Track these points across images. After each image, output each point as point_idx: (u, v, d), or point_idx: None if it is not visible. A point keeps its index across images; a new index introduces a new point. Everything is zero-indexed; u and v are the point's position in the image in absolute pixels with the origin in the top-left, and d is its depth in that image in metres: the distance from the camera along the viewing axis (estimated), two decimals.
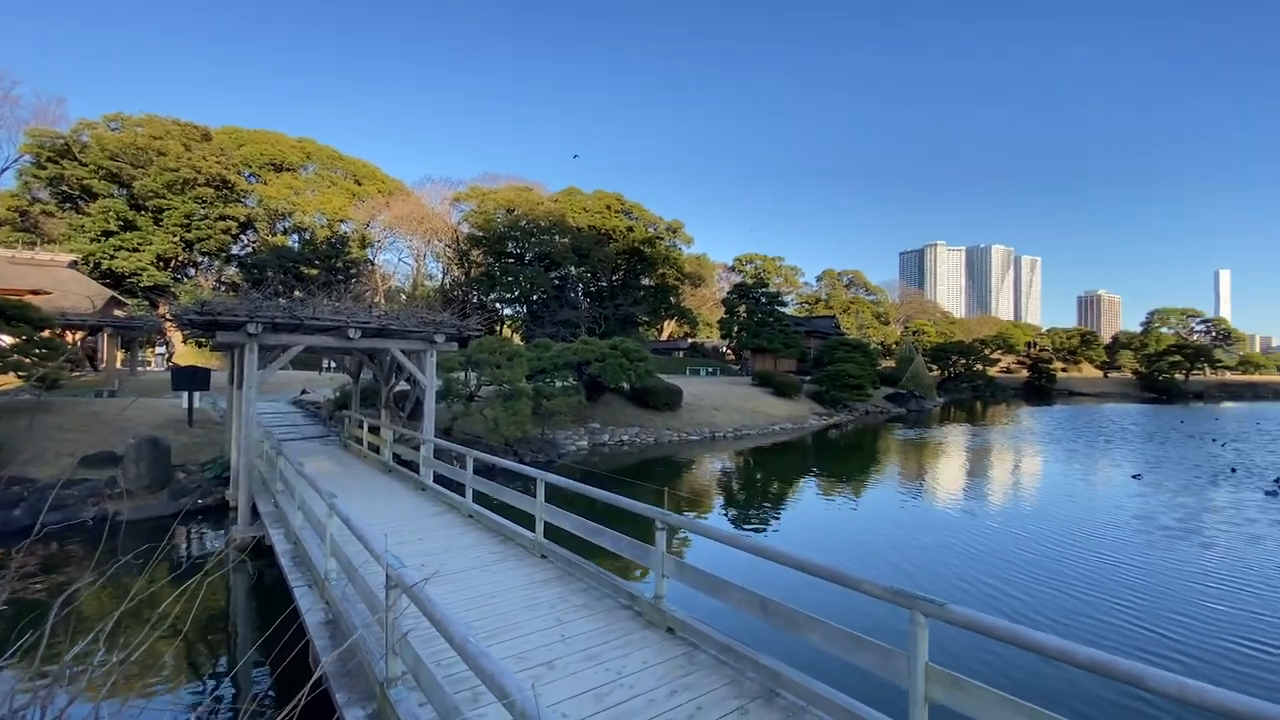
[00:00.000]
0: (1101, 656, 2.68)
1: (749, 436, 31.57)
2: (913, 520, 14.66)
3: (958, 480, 20.51)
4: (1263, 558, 11.26)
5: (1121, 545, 12.22)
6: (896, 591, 3.51)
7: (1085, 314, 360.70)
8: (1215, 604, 9.08)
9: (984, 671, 6.88)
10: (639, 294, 67.58)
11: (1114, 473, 21.36)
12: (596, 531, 6.52)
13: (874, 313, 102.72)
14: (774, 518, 15.26)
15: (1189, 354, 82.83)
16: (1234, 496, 17.14)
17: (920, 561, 11.28)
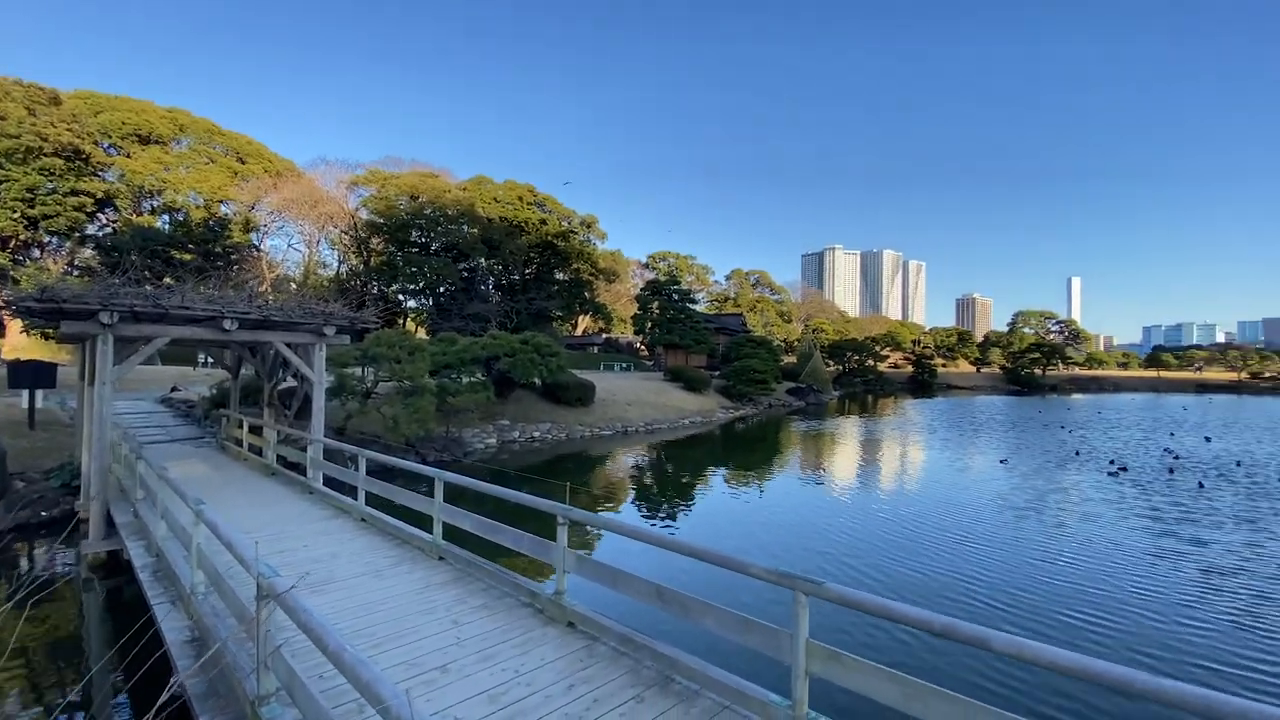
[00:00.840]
0: (952, 623, 2.96)
1: (660, 430, 32.10)
2: (808, 506, 15.51)
3: (849, 468, 21.93)
4: (1096, 534, 12.85)
5: (986, 525, 13.54)
6: (780, 573, 3.69)
7: (962, 315, 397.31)
8: (1053, 577, 10.28)
9: (864, 644, 7.40)
10: (552, 288, 66.72)
11: (983, 459, 23.68)
12: (497, 530, 6.39)
13: (778, 311, 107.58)
14: (683, 509, 15.61)
15: (1046, 351, 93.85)
16: (1079, 478, 19.50)
17: (812, 544, 11.95)
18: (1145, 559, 10.95)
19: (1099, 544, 11.88)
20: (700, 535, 13.00)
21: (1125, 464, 21.46)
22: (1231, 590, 9.38)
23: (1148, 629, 8.02)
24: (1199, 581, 9.78)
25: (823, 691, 3.62)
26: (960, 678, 6.57)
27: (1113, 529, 13.03)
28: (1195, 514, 14.20)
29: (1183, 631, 7.93)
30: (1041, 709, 6.04)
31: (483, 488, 6.67)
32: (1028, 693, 6.31)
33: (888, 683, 3.20)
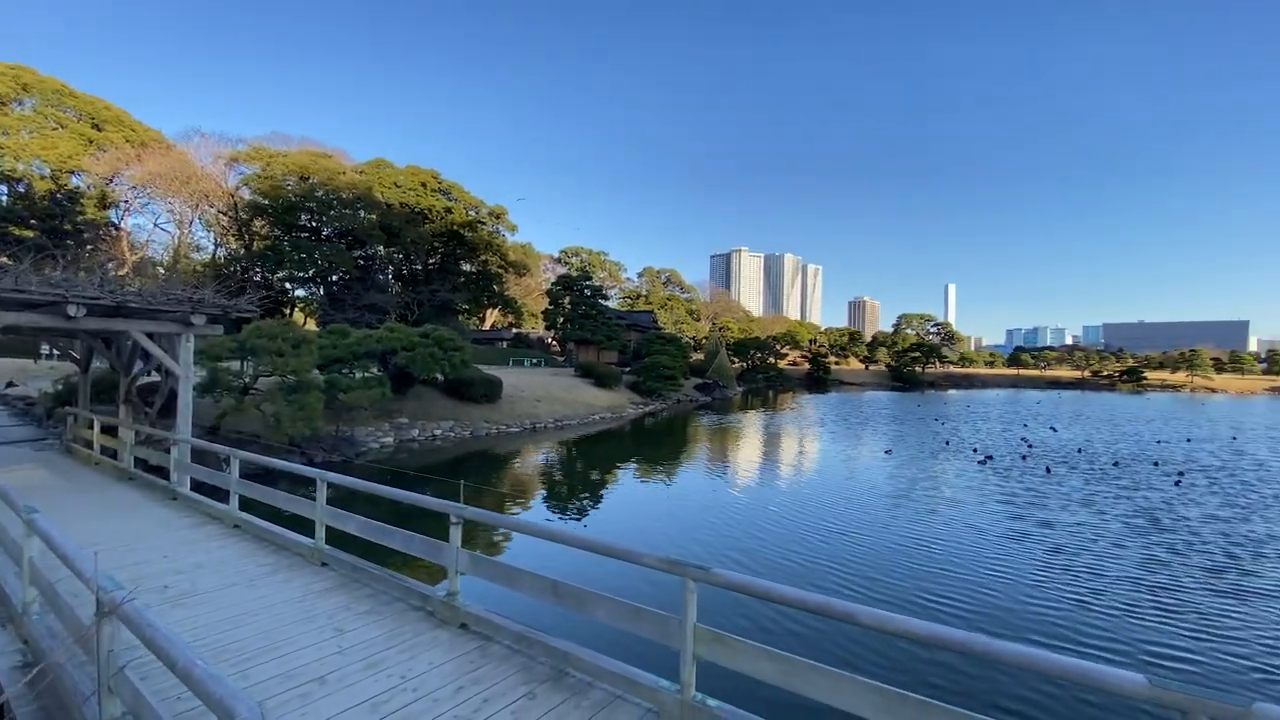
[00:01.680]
0: (826, 601, 3.18)
1: (570, 426, 31.93)
2: (709, 498, 16.01)
3: (749, 461, 22.90)
4: (961, 518, 14.23)
5: (870, 512, 14.63)
6: (670, 561, 3.80)
7: (854, 316, 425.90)
8: (922, 559, 11.31)
9: (752, 625, 7.78)
10: (458, 280, 64.43)
11: (870, 450, 25.56)
12: (386, 532, 6.09)
13: (688, 309, 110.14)
14: (590, 504, 15.63)
15: (925, 351, 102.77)
16: (949, 466, 21.53)
17: (710, 534, 12.37)
18: (1001, 541, 12.21)
19: (963, 527, 13.15)
20: (605, 529, 13.09)
21: (991, 453, 23.93)
22: (1070, 567, 10.69)
23: (999, 603, 8.99)
24: (1044, 560, 11.07)
25: (710, 674, 3.76)
26: (833, 651, 7.07)
27: (976, 513, 14.48)
28: (1045, 497, 16.05)
29: (1029, 605, 8.95)
30: (900, 675, 6.62)
31: (373, 489, 6.33)
32: (894, 661, 6.90)
33: (768, 661, 3.39)
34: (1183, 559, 10.72)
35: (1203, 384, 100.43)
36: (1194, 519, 13.60)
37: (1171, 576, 9.87)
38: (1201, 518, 13.70)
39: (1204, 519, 13.62)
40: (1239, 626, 7.91)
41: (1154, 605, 8.61)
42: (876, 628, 2.97)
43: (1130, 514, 14.11)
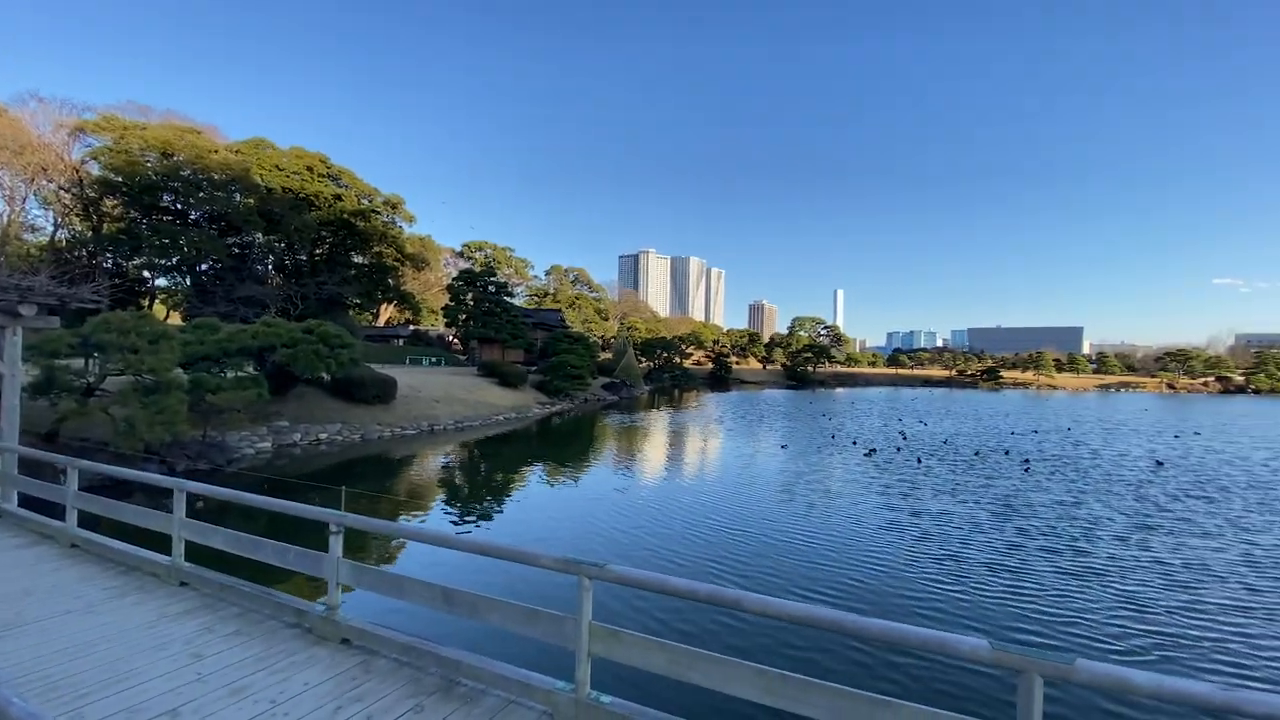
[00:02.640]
0: (714, 590, 3.32)
1: (472, 428, 30.92)
2: (613, 497, 16.10)
3: (654, 459, 23.30)
4: (845, 507, 15.33)
5: (766, 503, 15.40)
6: (566, 560, 3.79)
7: (753, 318, 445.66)
8: (811, 546, 12.08)
9: (650, 619, 7.94)
10: (349, 272, 60.32)
11: (766, 444, 26.85)
12: (256, 545, 5.59)
13: (596, 309, 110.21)
14: (491, 507, 15.21)
15: (816, 352, 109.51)
16: (837, 459, 23.05)
17: (612, 532, 12.47)
18: (878, 528, 13.21)
19: (846, 516, 14.12)
20: (507, 532, 12.81)
21: (875, 446, 25.90)
22: (934, 550, 11.79)
23: (875, 586, 9.74)
24: (913, 545, 12.13)
25: (608, 670, 3.80)
26: (725, 639, 7.38)
27: (858, 502, 15.59)
28: (917, 487, 17.57)
29: (900, 586, 9.77)
30: (785, 656, 7.03)
31: (242, 498, 5.80)
32: (783, 643, 7.30)
33: (660, 653, 3.47)
34: (1029, 540, 12.11)
35: (1046, 382, 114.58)
36: (1039, 504, 15.41)
37: (1019, 557, 11.13)
38: (1046, 503, 15.52)
39: (1048, 504, 15.42)
40: (1073, 597, 9.08)
41: (1004, 581, 9.68)
42: (761, 613, 3.13)
43: (987, 501, 15.78)
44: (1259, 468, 21.86)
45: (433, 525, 13.23)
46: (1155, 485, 17.91)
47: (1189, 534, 12.57)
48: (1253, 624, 8.22)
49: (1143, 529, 12.97)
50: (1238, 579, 9.89)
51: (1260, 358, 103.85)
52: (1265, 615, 8.52)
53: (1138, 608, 8.60)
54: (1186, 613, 8.50)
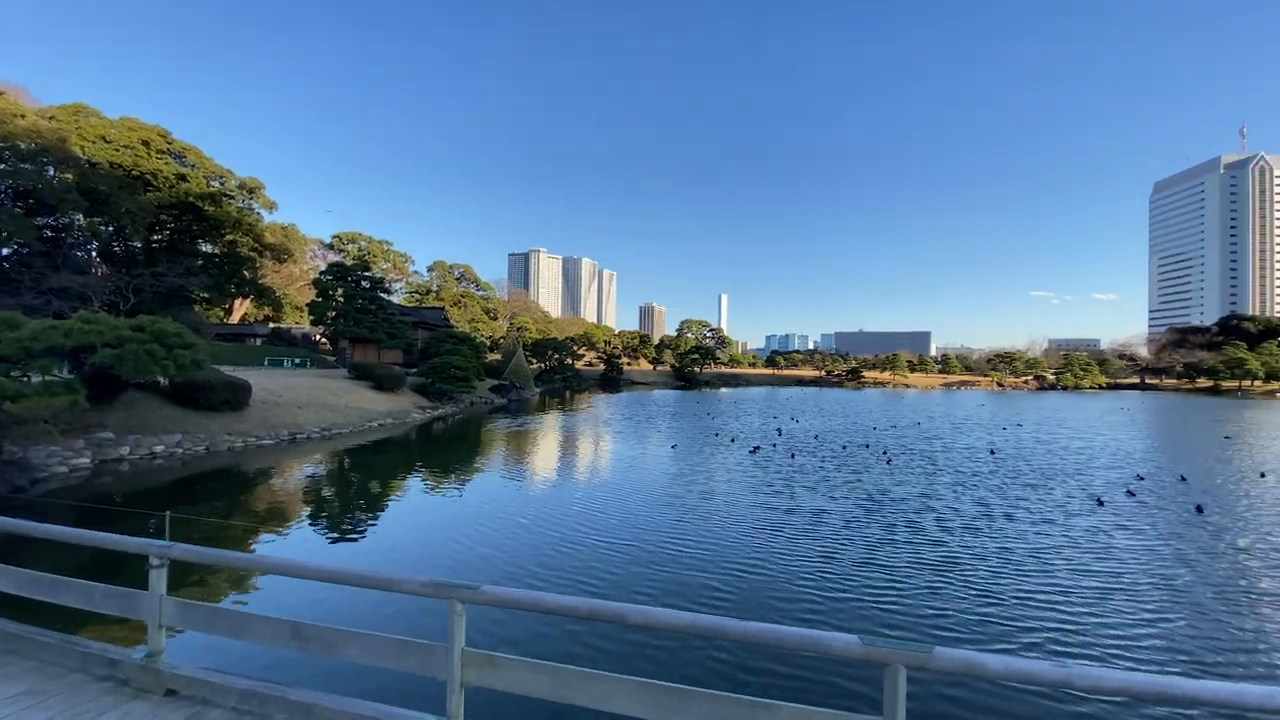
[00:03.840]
0: (597, 605, 3.18)
1: (342, 436, 28.50)
2: (497, 506, 15.45)
3: (544, 464, 22.77)
4: (724, 507, 15.87)
5: (655, 506, 15.50)
6: (435, 584, 3.47)
7: (644, 320, 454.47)
8: (694, 549, 12.32)
9: (532, 641, 7.60)
10: (195, 262, 53.54)
11: (654, 445, 27.22)
12: (57, 586, 4.62)
13: (484, 308, 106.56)
14: (361, 526, 13.93)
15: (702, 353, 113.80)
16: (719, 457, 23.83)
17: (501, 546, 11.93)
18: (758, 529, 13.74)
19: (729, 517, 14.54)
20: (376, 554, 11.76)
21: (758, 444, 27.12)
22: (812, 550, 12.45)
23: (758, 586, 10.08)
24: (792, 540, 12.77)
25: (482, 700, 3.50)
26: (614, 654, 7.23)
27: (741, 501, 16.18)
28: (792, 483, 18.56)
29: (781, 587, 10.18)
30: (670, 665, 7.01)
31: (34, 530, 4.77)
32: (671, 654, 7.27)
33: (541, 676, 3.28)
34: (894, 534, 13.09)
35: (901, 381, 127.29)
36: (900, 497, 16.78)
37: (886, 551, 12.02)
38: (907, 496, 16.90)
39: (910, 497, 16.81)
40: (935, 588, 9.90)
41: (874, 577, 10.35)
42: (644, 625, 3.08)
43: (856, 496, 16.98)
44: (1075, 455, 25.53)
45: (285, 551, 11.87)
46: (995, 477, 20.13)
47: (1026, 521, 14.12)
48: (1084, 604, 9.45)
49: (986, 517, 14.48)
50: (1064, 561, 11.33)
51: (1067, 359, 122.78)
52: (1094, 596, 9.84)
53: (989, 595, 9.52)
54: (1032, 597, 9.57)
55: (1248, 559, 11.47)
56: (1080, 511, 15.11)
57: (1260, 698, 2.27)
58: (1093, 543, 12.39)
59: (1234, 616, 8.76)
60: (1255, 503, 16.41)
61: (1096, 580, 10.19)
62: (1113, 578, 10.31)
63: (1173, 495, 17.23)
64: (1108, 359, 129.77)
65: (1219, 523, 14.10)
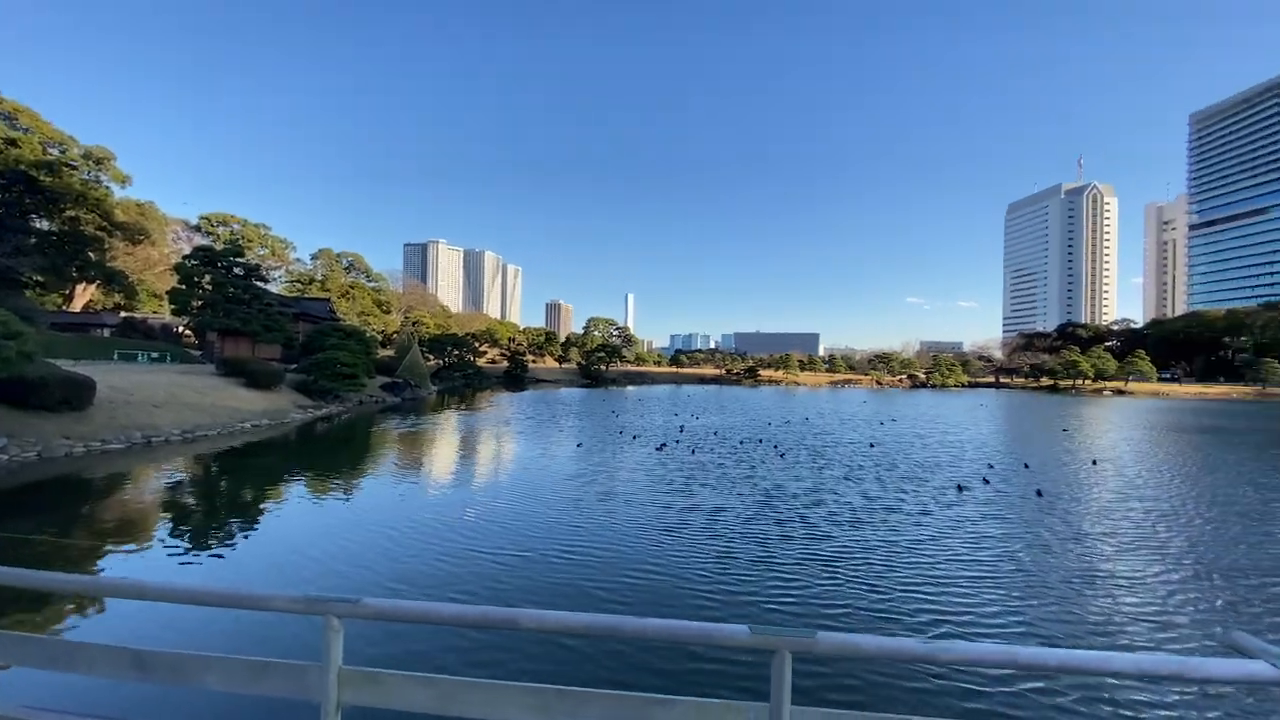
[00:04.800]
0: (487, 610, 3.08)
1: (207, 438, 25.79)
2: (390, 513, 14.67)
3: (443, 465, 21.87)
4: (621, 510, 16.04)
5: (551, 507, 15.32)
6: (309, 599, 3.19)
7: (550, 317, 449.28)
8: (600, 548, 12.39)
9: (417, 654, 7.32)
10: (27, 240, 46.29)
11: (558, 444, 26.97)
12: None
13: (375, 300, 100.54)
14: (227, 540, 12.66)
15: (609, 351, 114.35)
16: (623, 455, 24.05)
17: (383, 557, 11.35)
18: (660, 529, 13.95)
19: (630, 516, 14.66)
20: (245, 569, 10.77)
21: (664, 442, 27.63)
22: (711, 546, 12.86)
23: (659, 583, 10.27)
24: (694, 536, 13.11)
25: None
26: (504, 662, 7.11)
27: (643, 499, 16.36)
28: (691, 479, 19.05)
29: (681, 584, 10.43)
30: (567, 670, 7.02)
31: None
32: (567, 656, 7.26)
33: (425, 690, 3.11)
34: (786, 528, 13.71)
35: (792, 379, 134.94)
36: (792, 491, 17.64)
37: (780, 546, 12.63)
38: (799, 491, 17.73)
39: (801, 492, 17.70)
40: (823, 579, 10.52)
41: (769, 571, 10.83)
42: (539, 628, 2.98)
43: (751, 491, 17.72)
44: (943, 448, 28.23)
45: (135, 571, 10.59)
46: (876, 469, 21.77)
47: (903, 511, 15.29)
48: (952, 585, 10.49)
49: (869, 510, 15.56)
50: (935, 546, 12.47)
51: (935, 361, 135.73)
52: (959, 575, 10.93)
53: (874, 583, 10.22)
54: (909, 582, 10.43)
55: (1079, 536, 13.25)
56: (948, 500, 16.70)
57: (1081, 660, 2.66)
58: (956, 527, 13.76)
59: (1066, 587, 10.10)
60: (1087, 487, 19.02)
61: (960, 562, 11.34)
62: (972, 559, 11.51)
63: (1019, 481, 19.57)
64: (969, 360, 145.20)
65: (1055, 505, 16.19)
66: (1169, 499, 17.30)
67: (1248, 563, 11.42)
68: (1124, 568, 11.12)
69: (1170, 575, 10.72)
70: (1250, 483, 19.94)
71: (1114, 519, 14.82)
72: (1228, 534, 13.50)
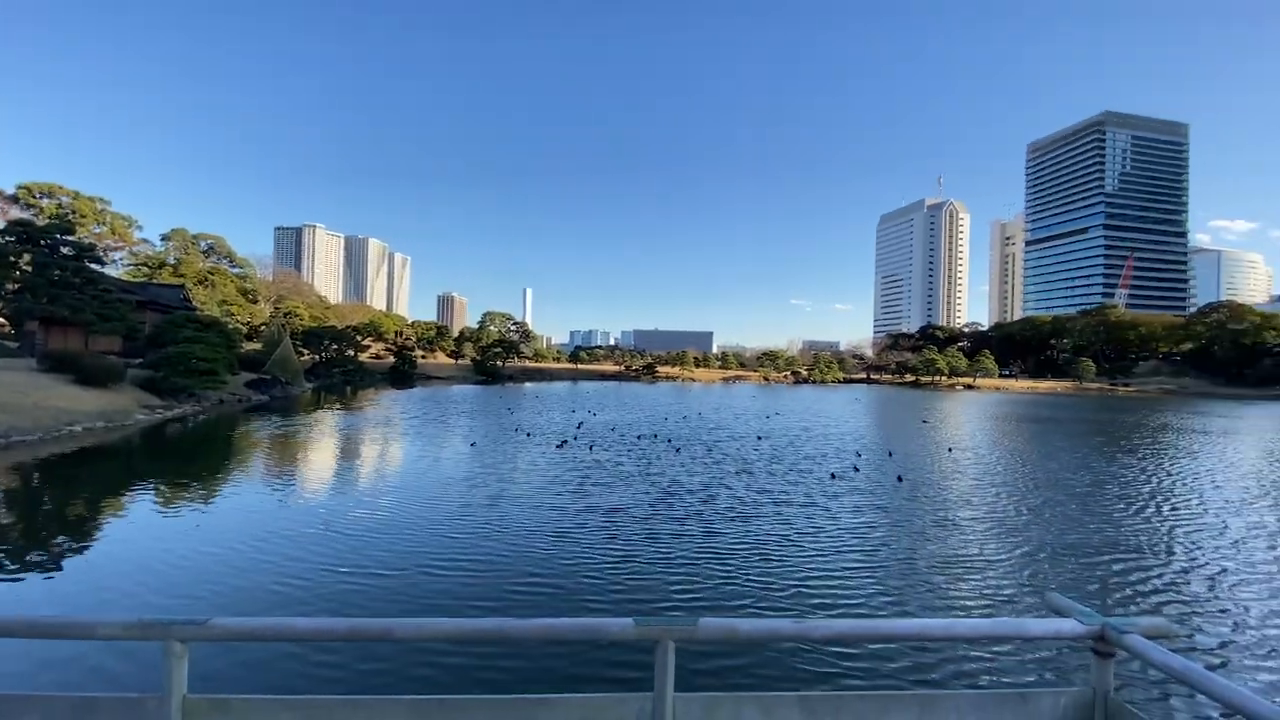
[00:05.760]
0: (357, 623, 2.91)
1: (26, 444, 22.09)
2: (241, 527, 13.26)
3: (311, 471, 20.16)
4: (514, 511, 15.69)
5: (437, 512, 14.62)
6: (146, 624, 2.77)
7: (443, 310, 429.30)
8: (496, 549, 12.00)
9: (285, 677, 6.67)
10: None
11: (454, 443, 25.78)
12: None
13: (240, 288, 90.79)
14: (48, 563, 10.82)
15: (506, 347, 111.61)
16: (520, 454, 23.48)
17: (236, 575, 10.27)
18: (548, 533, 13.78)
19: (519, 519, 14.30)
20: (70, 597, 9.28)
21: (565, 439, 27.26)
22: (605, 551, 12.85)
23: (550, 594, 10.12)
24: (582, 545, 13.04)
25: None
26: (382, 676, 6.66)
27: (537, 499, 16.04)
28: (587, 478, 18.91)
29: (577, 584, 10.33)
30: (458, 679, 6.70)
31: None
32: (452, 664, 6.91)
33: (288, 712, 2.85)
34: (683, 524, 13.99)
35: (688, 376, 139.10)
36: (688, 486, 18.03)
37: (674, 538, 12.90)
38: (694, 486, 18.10)
39: (696, 487, 18.12)
40: (716, 572, 10.86)
41: (666, 569, 10.90)
42: (417, 638, 2.83)
43: (644, 487, 17.97)
44: (823, 440, 30.22)
45: None
46: (764, 462, 22.87)
47: (791, 502, 15.99)
48: (826, 566, 11.17)
49: (757, 503, 16.33)
50: (819, 535, 13.29)
51: (816, 358, 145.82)
52: (835, 559, 11.67)
53: (767, 573, 10.69)
54: (794, 569, 11.02)
55: (936, 518, 14.70)
56: (827, 490, 17.86)
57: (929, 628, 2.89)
58: (832, 515, 14.80)
59: (924, 564, 11.18)
60: (943, 472, 21.18)
61: (837, 547, 12.19)
62: (845, 544, 12.42)
63: (883, 468, 21.43)
64: (845, 358, 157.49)
65: (915, 490, 17.89)
66: (1015, 482, 19.70)
67: (1077, 538, 13.16)
68: (975, 545, 12.49)
69: (1015, 551, 12.17)
70: (1084, 466, 23.20)
71: (967, 501, 16.64)
72: (1065, 512, 15.50)
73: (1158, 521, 14.82)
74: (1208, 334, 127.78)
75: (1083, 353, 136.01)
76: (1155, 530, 13.98)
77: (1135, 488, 19.07)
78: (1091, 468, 22.76)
